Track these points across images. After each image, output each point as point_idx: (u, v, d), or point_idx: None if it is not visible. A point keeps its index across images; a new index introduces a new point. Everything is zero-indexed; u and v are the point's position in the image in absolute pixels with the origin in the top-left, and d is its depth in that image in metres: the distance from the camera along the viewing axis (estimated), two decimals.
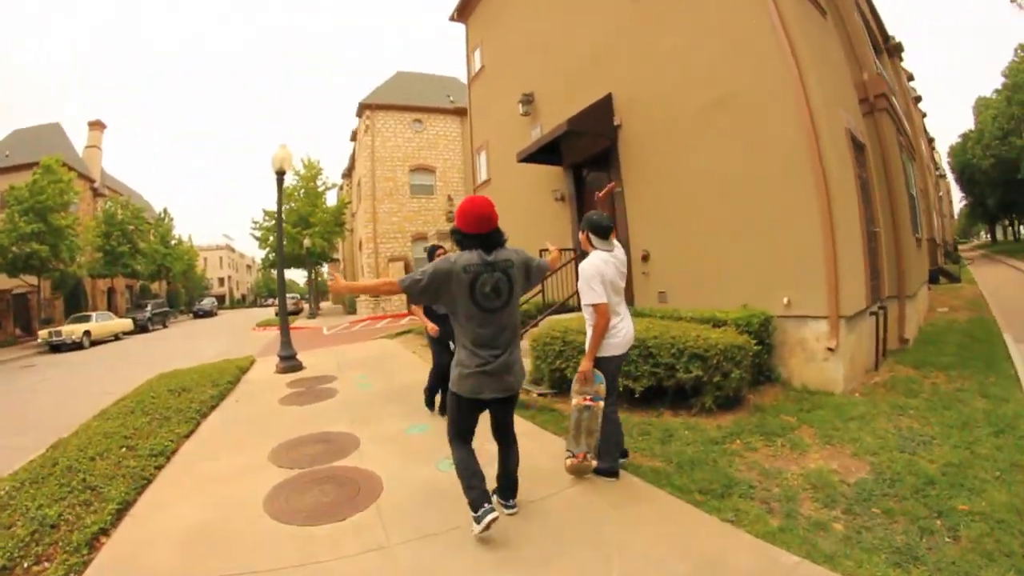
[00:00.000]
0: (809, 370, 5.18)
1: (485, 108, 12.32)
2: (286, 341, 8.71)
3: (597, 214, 3.36)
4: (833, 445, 3.58)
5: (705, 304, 5.85)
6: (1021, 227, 44.53)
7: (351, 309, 27.01)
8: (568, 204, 8.90)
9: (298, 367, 8.48)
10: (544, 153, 8.61)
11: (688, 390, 4.48)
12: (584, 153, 8.20)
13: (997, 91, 27.86)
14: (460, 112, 24.84)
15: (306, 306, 29.78)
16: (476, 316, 2.64)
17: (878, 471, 3.18)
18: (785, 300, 5.25)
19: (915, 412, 4.17)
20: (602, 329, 3.14)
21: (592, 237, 3.31)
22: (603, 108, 7.56)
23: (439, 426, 4.27)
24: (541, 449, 3.98)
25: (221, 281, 70.76)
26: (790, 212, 5.23)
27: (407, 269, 14.24)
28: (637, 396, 4.66)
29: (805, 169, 5.02)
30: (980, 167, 27.21)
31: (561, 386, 5.45)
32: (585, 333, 3.36)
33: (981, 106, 30.18)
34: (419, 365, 8.26)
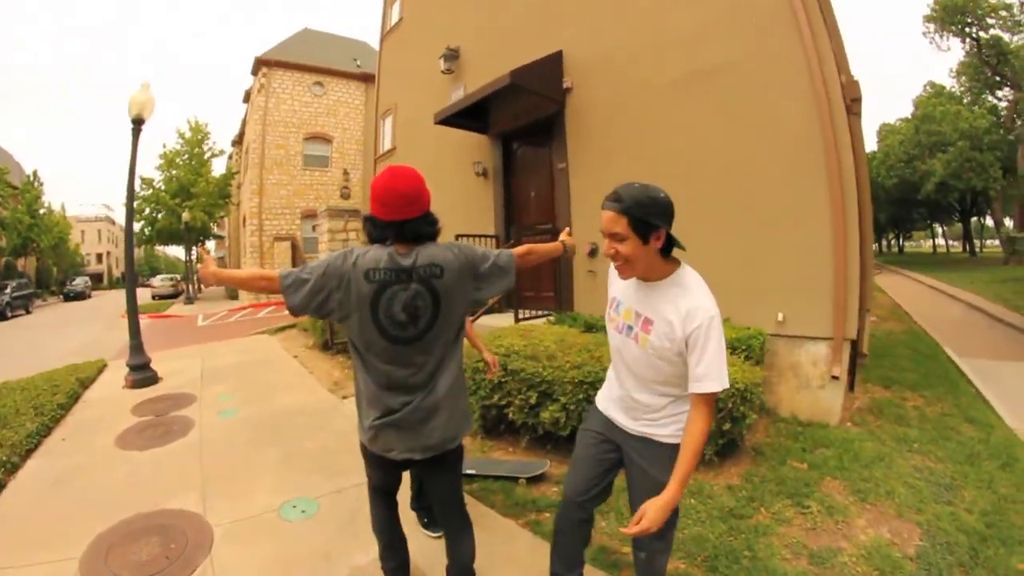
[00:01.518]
0: (801, 398, 4.36)
1: (397, 67, 10.54)
2: (136, 345, 6.50)
3: (664, 193, 1.65)
4: (871, 504, 3.10)
5: None
6: (904, 241, 48.93)
7: (232, 294, 23.83)
8: (492, 181, 7.46)
9: (152, 379, 6.37)
10: (467, 117, 7.14)
11: None
12: (518, 120, 6.79)
13: (903, 119, 30.53)
14: (367, 78, 22.61)
15: (188, 288, 25.71)
16: (378, 346, 1.81)
17: (931, 534, 2.79)
18: (780, 316, 4.41)
19: (919, 446, 3.90)
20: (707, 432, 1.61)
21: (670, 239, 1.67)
22: (551, 66, 6.21)
23: (338, 504, 3.16)
24: (490, 545, 2.57)
25: (100, 257, 62.50)
26: (794, 210, 4.35)
27: (295, 251, 12.01)
28: None
29: (816, 159, 4.18)
30: (883, 185, 29.48)
31: (498, 431, 4.14)
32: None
33: (885, 131, 32.92)
34: (302, 378, 6.47)
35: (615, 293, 1.84)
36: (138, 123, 6.37)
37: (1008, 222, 24.23)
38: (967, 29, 22.40)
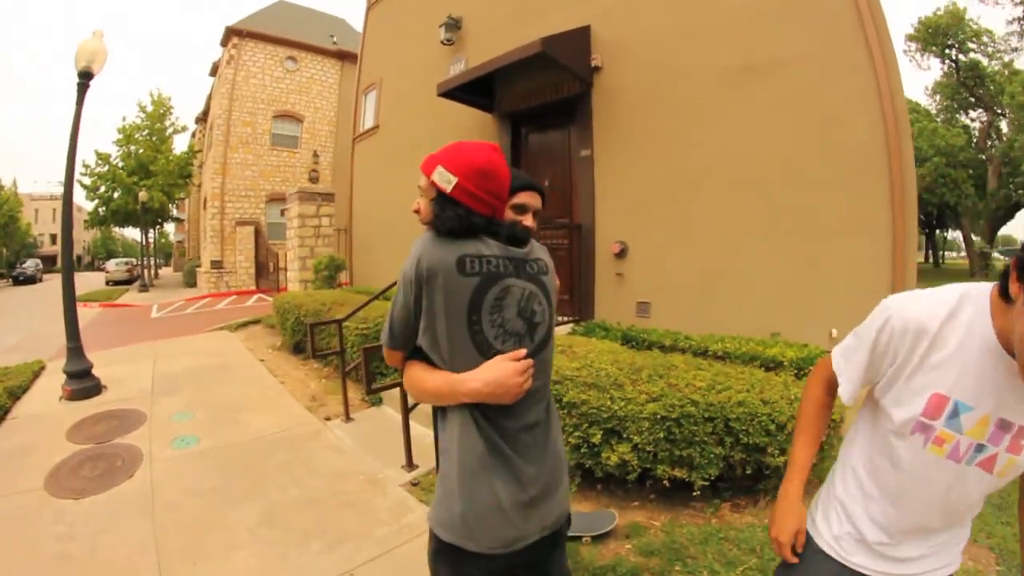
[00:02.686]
0: (848, 415, 3.79)
1: (386, 37, 9.48)
2: (75, 349, 5.33)
3: None
4: None
5: (709, 327, 4.39)
6: None
7: (191, 281, 22.23)
8: None
9: (94, 390, 5.25)
10: (472, 93, 6.25)
11: (742, 476, 3.10)
12: (532, 99, 5.93)
13: None
14: (343, 56, 21.36)
15: (143, 274, 23.64)
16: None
17: (1004, 557, 2.65)
18: (834, 332, 4.02)
19: None
20: None
21: None
22: (578, 41, 5.41)
23: None
24: None
25: (54, 238, 57.50)
26: (851, 221, 4.09)
27: (258, 238, 10.87)
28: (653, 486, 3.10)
29: (878, 168, 3.94)
30: None
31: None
32: None
33: None
34: (272, 391, 5.49)
35: (943, 388, 0.99)
36: (85, 77, 5.23)
37: (975, 237, 25.07)
38: (947, 51, 23.00)
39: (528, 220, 1.57)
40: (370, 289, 7.71)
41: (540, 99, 5.84)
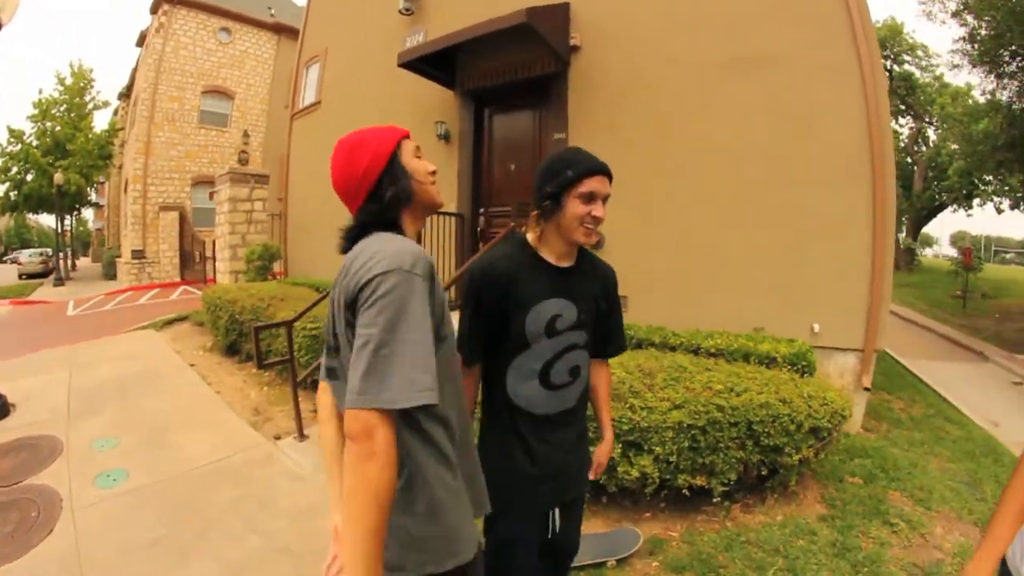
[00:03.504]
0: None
1: (333, 5, 8.67)
2: None
3: None
4: (935, 511, 3.23)
5: (690, 321, 4.30)
6: None
7: (110, 273, 20.41)
8: (457, 146, 6.06)
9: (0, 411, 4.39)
10: (432, 65, 5.68)
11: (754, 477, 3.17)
12: (499, 77, 5.46)
13: None
14: (280, 30, 20.03)
15: (59, 265, 21.32)
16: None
17: (983, 526, 2.56)
18: (816, 327, 4.21)
19: (928, 448, 4.18)
20: None
21: None
22: (557, 17, 5.02)
23: None
24: None
25: None
26: (834, 218, 4.19)
27: (182, 224, 9.81)
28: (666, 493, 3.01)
29: (861, 167, 4.06)
30: None
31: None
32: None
33: None
34: (208, 403, 4.84)
35: None
36: None
37: (900, 235, 26.90)
38: (883, 61, 23.99)
39: (599, 210, 1.45)
40: (308, 281, 7.02)
41: (509, 77, 5.38)
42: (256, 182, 8.60)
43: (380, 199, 1.17)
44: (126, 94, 25.77)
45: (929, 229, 31.99)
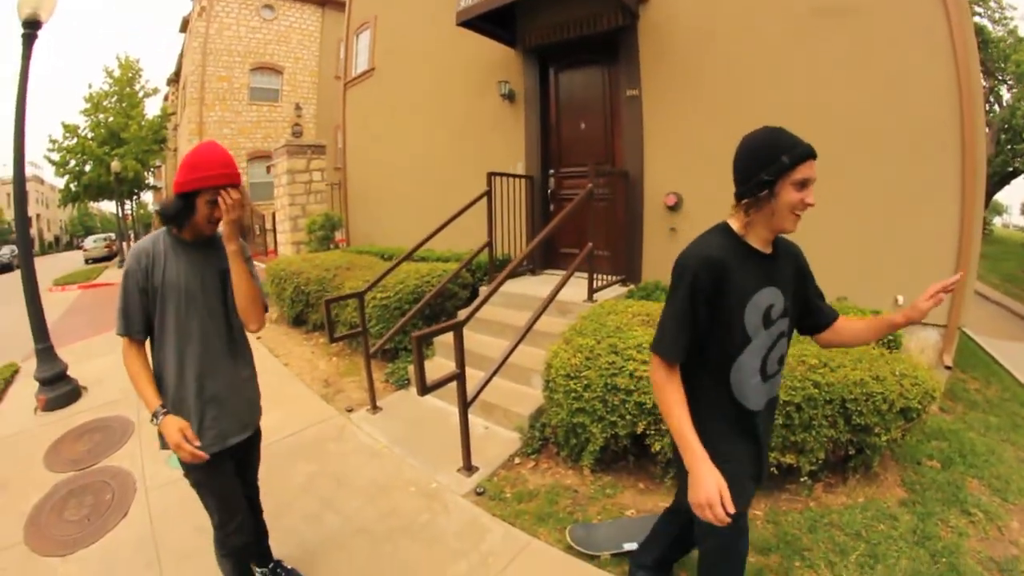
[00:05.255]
0: None
1: None
2: (44, 350, 4.55)
3: None
4: (1013, 503, 3.01)
5: None
6: None
7: None
8: (523, 106, 5.72)
9: (72, 395, 4.51)
10: (491, 23, 5.39)
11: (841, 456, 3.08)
12: (563, 33, 5.12)
13: None
14: (324, 2, 19.93)
15: (122, 248, 22.28)
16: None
17: None
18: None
19: (1004, 433, 3.98)
20: None
21: None
22: None
23: None
24: None
25: (32, 220, 55.74)
26: (920, 188, 3.90)
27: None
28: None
29: (949, 134, 3.75)
30: None
31: (617, 465, 3.15)
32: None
33: None
34: (279, 377, 4.84)
35: None
36: (32, 26, 4.45)
37: None
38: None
39: (811, 197, 1.42)
40: (373, 248, 6.93)
41: (575, 32, 5.02)
42: (313, 153, 8.56)
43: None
44: (175, 79, 26.39)
45: (1001, 197, 29.70)
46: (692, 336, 1.43)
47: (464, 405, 2.92)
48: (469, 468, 3.01)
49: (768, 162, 1.37)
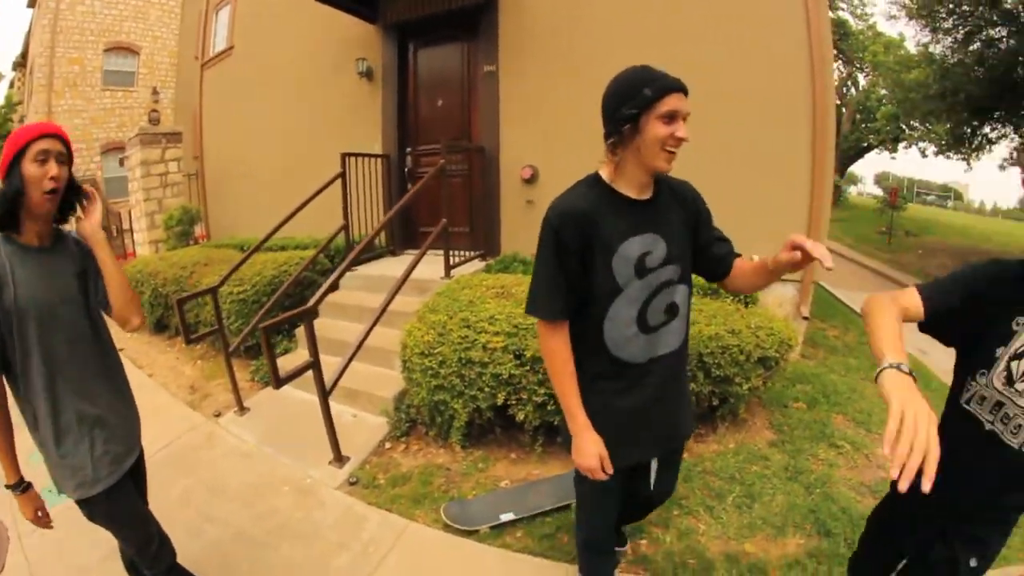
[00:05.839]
0: None
1: None
2: None
3: None
4: (876, 433, 3.34)
5: None
6: None
7: None
8: (381, 84, 5.56)
9: None
10: None
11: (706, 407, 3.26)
12: (424, 8, 5.01)
13: None
14: None
15: None
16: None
17: None
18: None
19: (864, 373, 4.30)
20: None
21: None
22: None
23: None
24: None
25: None
26: (774, 153, 4.18)
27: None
28: None
29: (803, 100, 4.02)
30: None
31: (486, 439, 3.24)
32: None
33: None
34: (143, 388, 4.48)
35: None
36: None
37: None
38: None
39: (683, 131, 1.34)
40: (233, 241, 6.49)
41: (435, 7, 4.92)
42: (168, 141, 7.89)
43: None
44: (21, 63, 23.23)
45: (855, 168, 33.13)
46: (565, 293, 1.39)
47: (324, 394, 2.86)
48: (340, 459, 2.97)
49: (631, 97, 1.32)
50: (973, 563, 1.25)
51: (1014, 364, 1.12)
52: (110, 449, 1.59)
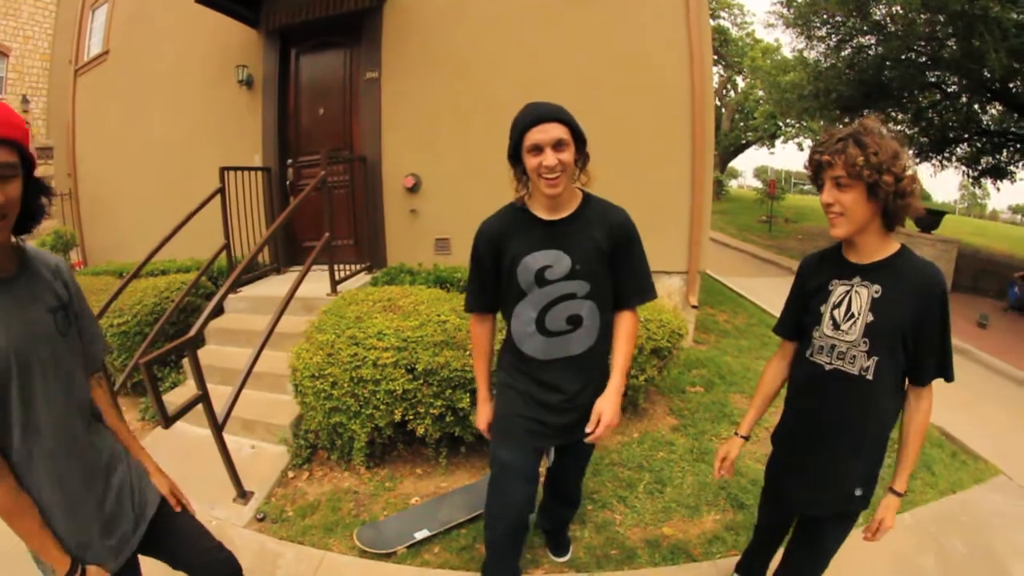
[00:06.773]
0: None
1: None
2: None
3: None
4: (776, 407, 3.00)
5: None
6: None
7: None
8: (261, 92, 5.36)
9: None
10: (234, 0, 4.99)
11: None
12: (307, 13, 4.87)
13: None
14: None
15: None
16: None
17: None
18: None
19: (756, 352, 4.56)
20: None
21: None
22: None
23: None
24: None
25: None
26: (657, 150, 4.42)
27: None
28: None
29: (682, 100, 4.29)
30: None
31: (390, 456, 3.20)
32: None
33: None
34: None
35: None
36: None
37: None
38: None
39: (549, 159, 1.48)
40: (111, 267, 5.93)
41: (318, 12, 4.79)
42: (39, 157, 7.09)
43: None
44: None
45: (735, 164, 35.92)
46: (485, 292, 1.74)
47: (217, 429, 2.70)
48: (244, 495, 2.82)
49: (511, 135, 1.55)
50: (858, 492, 1.49)
51: (836, 312, 1.44)
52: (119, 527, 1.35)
